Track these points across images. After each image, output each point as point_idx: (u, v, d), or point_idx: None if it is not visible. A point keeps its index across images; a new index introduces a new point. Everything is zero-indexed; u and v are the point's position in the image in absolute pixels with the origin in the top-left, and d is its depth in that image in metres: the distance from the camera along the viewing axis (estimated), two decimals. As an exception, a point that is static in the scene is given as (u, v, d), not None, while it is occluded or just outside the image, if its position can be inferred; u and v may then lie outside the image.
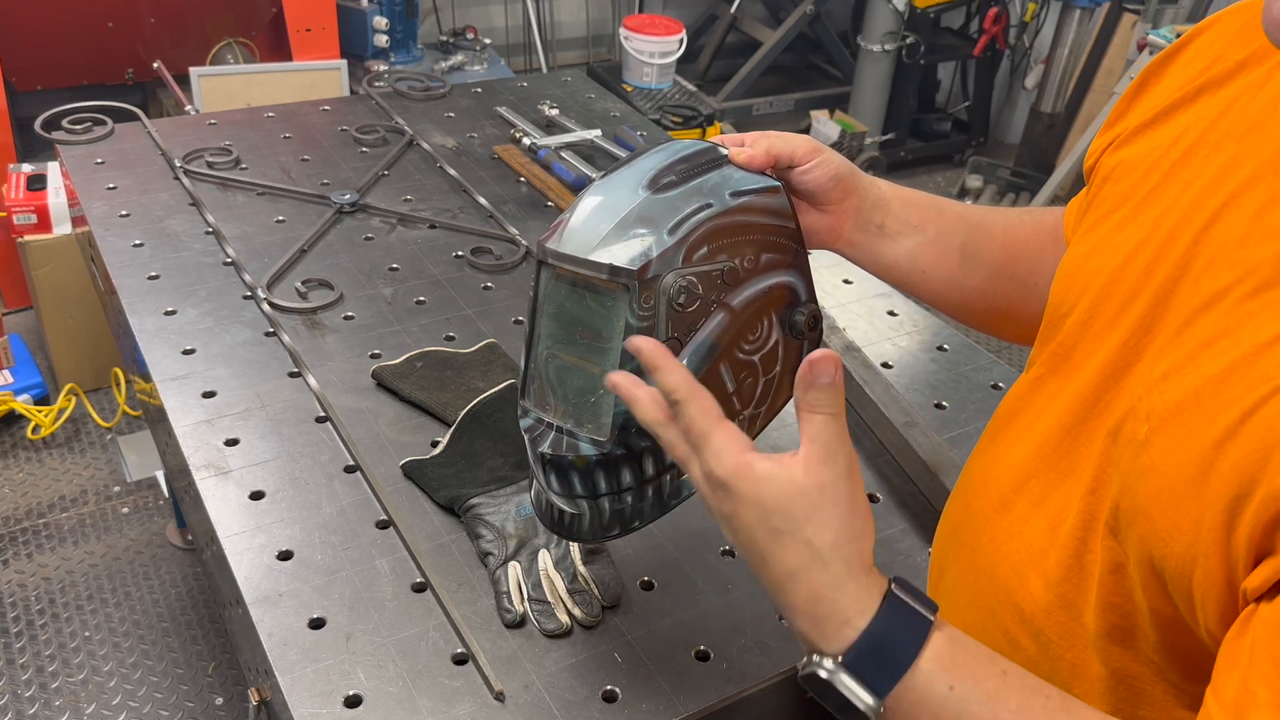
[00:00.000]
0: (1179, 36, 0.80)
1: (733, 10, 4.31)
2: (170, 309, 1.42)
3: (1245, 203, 0.64)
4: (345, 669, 0.95)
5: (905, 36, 4.19)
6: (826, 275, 1.62)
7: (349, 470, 1.18)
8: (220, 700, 2.08)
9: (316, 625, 0.99)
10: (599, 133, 1.95)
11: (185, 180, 1.71)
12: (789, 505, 0.64)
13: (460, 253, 1.60)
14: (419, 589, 1.03)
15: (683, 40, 3.64)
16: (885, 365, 1.44)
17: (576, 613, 1.01)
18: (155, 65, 2.90)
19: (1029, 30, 4.48)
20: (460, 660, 0.97)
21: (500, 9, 4.33)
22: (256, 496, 1.13)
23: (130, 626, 2.20)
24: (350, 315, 1.44)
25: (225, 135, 1.89)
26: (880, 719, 0.62)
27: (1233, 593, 0.58)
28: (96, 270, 1.68)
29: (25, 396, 2.68)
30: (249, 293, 1.46)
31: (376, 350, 1.37)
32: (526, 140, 1.91)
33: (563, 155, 1.85)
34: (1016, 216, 0.99)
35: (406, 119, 1.99)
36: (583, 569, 1.04)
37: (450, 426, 1.22)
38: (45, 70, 3.05)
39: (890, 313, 1.57)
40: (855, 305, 1.57)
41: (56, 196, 2.62)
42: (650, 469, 0.83)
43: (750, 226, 0.83)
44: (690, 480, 0.70)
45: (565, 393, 0.84)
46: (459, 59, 3.69)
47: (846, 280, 1.63)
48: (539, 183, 1.82)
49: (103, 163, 1.77)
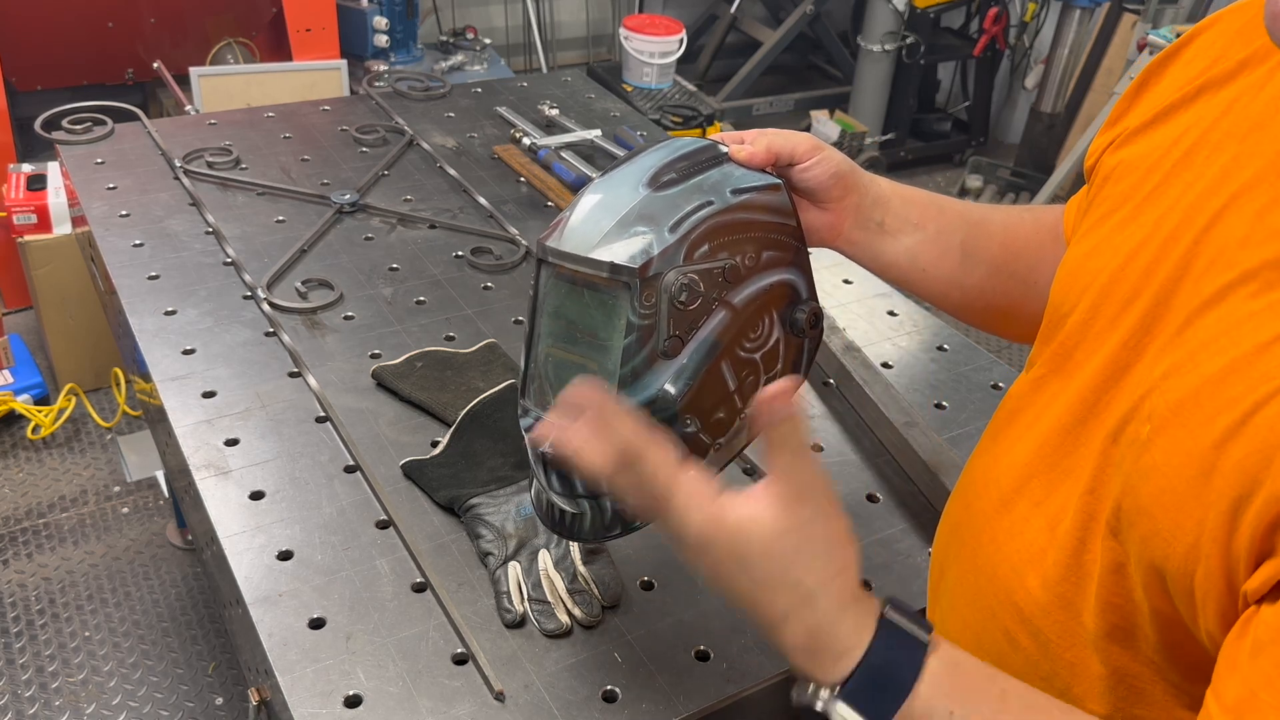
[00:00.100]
0: (1179, 36, 0.80)
1: (733, 10, 4.31)
2: (170, 309, 1.42)
3: (1247, 203, 0.64)
4: (345, 669, 0.95)
5: (905, 36, 4.19)
6: (827, 275, 1.62)
7: (349, 470, 1.18)
8: (220, 700, 2.08)
9: (316, 625, 0.99)
10: (599, 133, 1.95)
11: (185, 180, 1.71)
12: (770, 551, 0.63)
13: (460, 253, 1.60)
14: (419, 589, 1.03)
15: (683, 40, 3.64)
16: (885, 365, 1.44)
17: (576, 613, 1.01)
18: (155, 65, 2.90)
19: (1029, 30, 4.48)
20: (460, 660, 0.96)
21: (500, 9, 4.33)
22: (256, 496, 1.13)
23: (130, 626, 2.20)
24: (350, 315, 1.44)
25: (225, 135, 1.89)
26: None
27: (1233, 594, 0.57)
28: (96, 270, 1.68)
29: (25, 396, 2.68)
30: (249, 293, 1.46)
31: (376, 350, 1.37)
32: (526, 140, 1.91)
33: (563, 155, 1.85)
34: (1016, 214, 0.99)
35: (406, 119, 1.99)
36: (583, 569, 1.04)
37: (450, 426, 1.22)
38: (45, 70, 3.05)
39: (890, 313, 1.57)
40: (855, 305, 1.57)
41: (56, 196, 2.62)
42: None
43: (751, 224, 0.83)
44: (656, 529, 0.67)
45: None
46: (459, 59, 3.69)
47: (846, 280, 1.63)
48: (539, 183, 1.81)
49: (103, 163, 1.76)
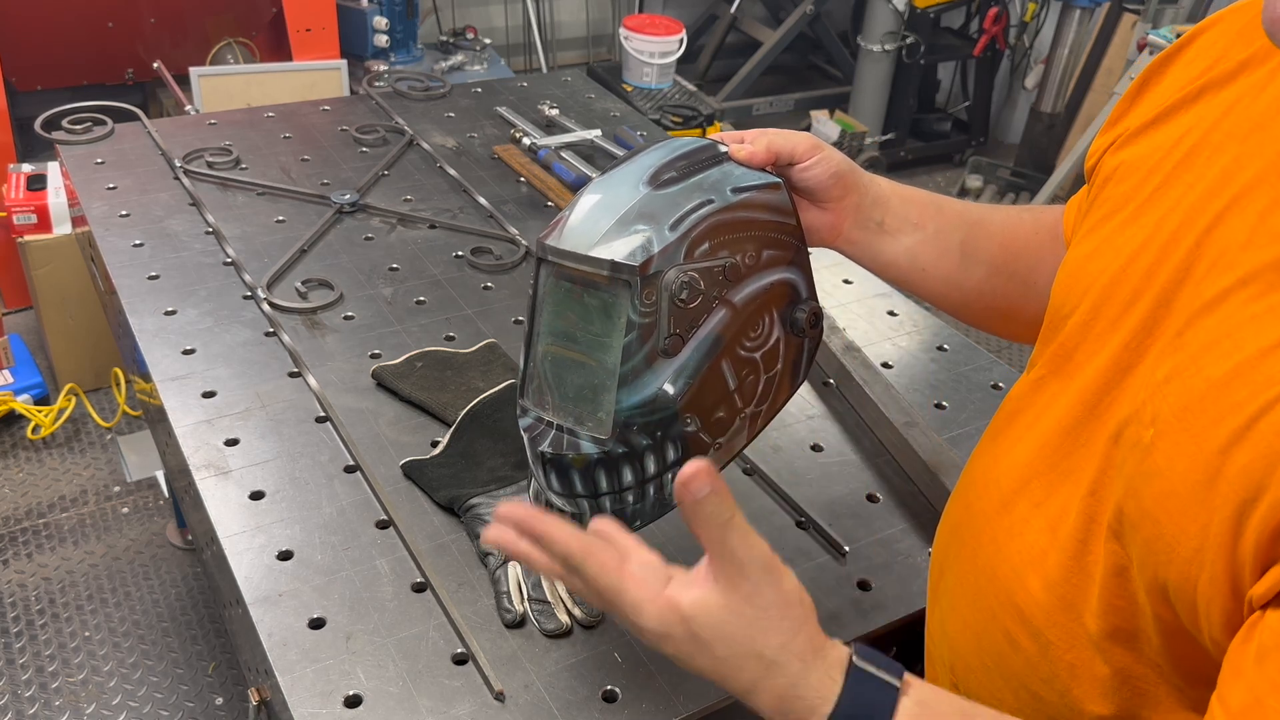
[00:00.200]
0: (1179, 36, 0.80)
1: (733, 10, 4.31)
2: (170, 309, 1.42)
3: (1248, 205, 0.63)
4: (345, 669, 0.95)
5: (905, 36, 4.19)
6: (827, 275, 1.62)
7: (349, 470, 1.18)
8: (220, 700, 2.08)
9: (316, 625, 0.99)
10: (599, 133, 1.95)
11: (185, 180, 1.71)
12: (725, 630, 0.64)
13: (460, 253, 1.60)
14: (419, 589, 1.03)
15: (683, 40, 3.64)
16: (885, 365, 1.44)
17: (576, 613, 1.01)
18: (155, 65, 2.90)
19: (1029, 30, 4.48)
20: (460, 660, 0.96)
21: (500, 9, 4.33)
22: (256, 496, 1.13)
23: (130, 626, 2.20)
24: (350, 315, 1.44)
25: (225, 135, 1.89)
26: None
27: (1238, 599, 0.57)
28: (96, 270, 1.68)
29: (25, 396, 2.68)
30: (249, 293, 1.46)
31: (376, 350, 1.37)
32: (526, 140, 1.91)
33: (563, 155, 1.85)
34: (1016, 214, 0.99)
35: (406, 119, 1.99)
36: (583, 569, 1.04)
37: (450, 426, 1.22)
38: (45, 70, 3.05)
39: (890, 313, 1.57)
40: (855, 305, 1.57)
41: (56, 196, 2.62)
42: (651, 467, 0.83)
43: (751, 223, 0.83)
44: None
45: (565, 391, 0.84)
46: (459, 59, 3.69)
47: (846, 280, 1.63)
48: (539, 183, 1.81)
49: (103, 163, 1.76)
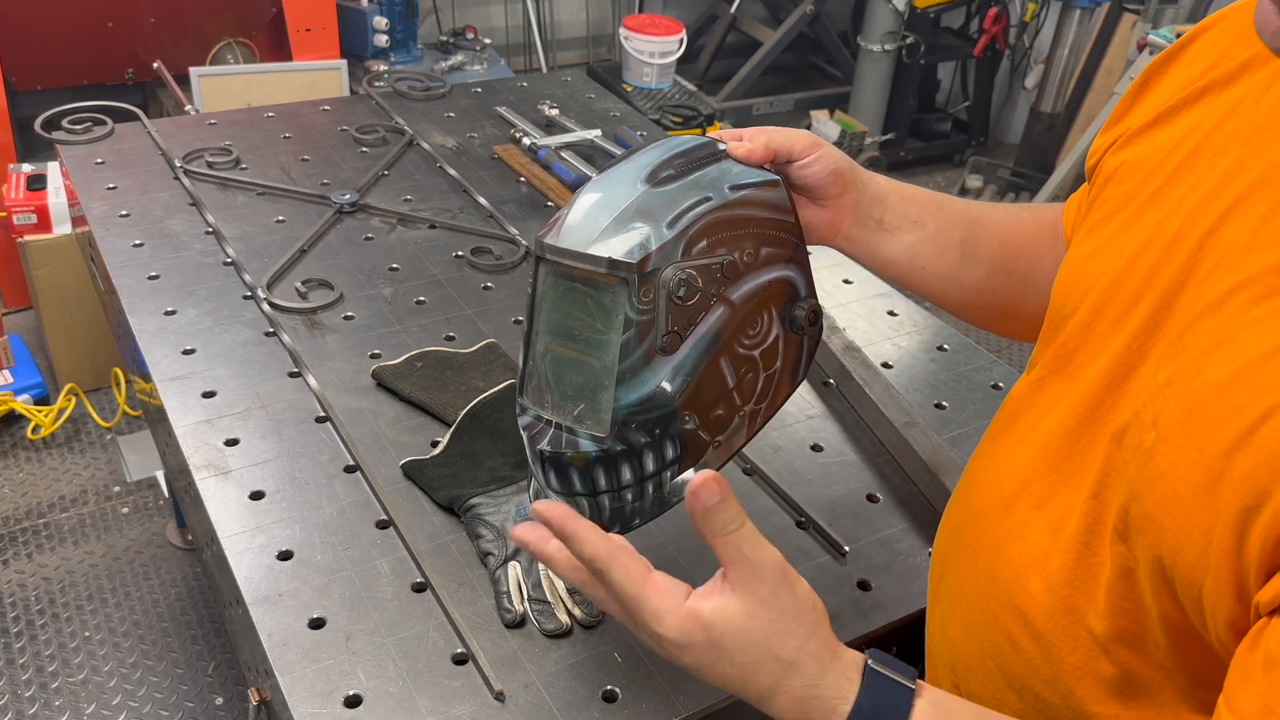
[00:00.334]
0: (1179, 36, 0.80)
1: (733, 10, 4.31)
2: (170, 309, 1.41)
3: (1250, 207, 0.63)
4: (345, 669, 0.95)
5: (905, 36, 4.19)
6: (826, 275, 1.62)
7: (349, 470, 1.18)
8: (220, 700, 2.08)
9: (316, 625, 0.99)
10: (599, 133, 1.95)
11: (185, 180, 1.71)
12: (744, 636, 0.66)
13: (460, 253, 1.60)
14: (419, 589, 1.03)
15: (683, 40, 3.64)
16: (885, 365, 1.44)
17: (576, 613, 1.01)
18: (155, 65, 2.90)
19: (1029, 30, 4.48)
20: (460, 660, 0.96)
21: (500, 9, 4.33)
22: (256, 496, 1.13)
23: (130, 626, 2.20)
24: (350, 315, 1.44)
25: (225, 135, 1.89)
26: None
27: (1243, 603, 0.57)
28: (96, 270, 1.68)
29: (25, 396, 2.68)
30: (249, 293, 1.46)
31: (376, 350, 1.37)
32: (526, 140, 1.91)
33: (563, 155, 1.85)
34: (1015, 213, 0.99)
35: (406, 119, 1.99)
36: (583, 569, 1.04)
37: (450, 426, 1.22)
38: (45, 70, 3.05)
39: (890, 313, 1.57)
40: (855, 305, 1.57)
41: (56, 196, 2.62)
42: (650, 466, 0.83)
43: (750, 220, 0.83)
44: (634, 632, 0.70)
45: (564, 389, 0.84)
46: (459, 59, 3.69)
47: (846, 280, 1.63)
48: (539, 183, 1.81)
49: (103, 163, 1.76)
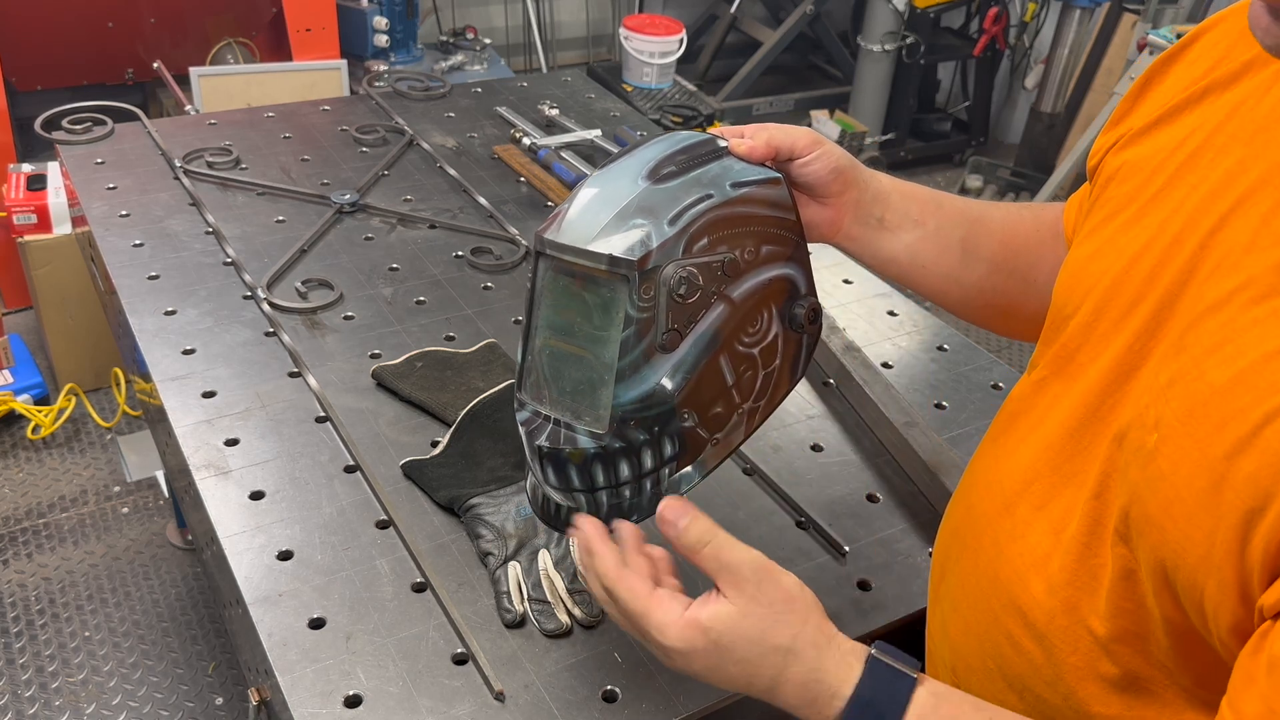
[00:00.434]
0: (1179, 36, 0.80)
1: (733, 10, 4.30)
2: (170, 309, 1.41)
3: (1252, 208, 0.63)
4: (345, 669, 0.95)
5: (905, 36, 4.19)
6: (826, 275, 1.62)
7: (349, 470, 1.18)
8: (220, 700, 2.08)
9: (316, 625, 0.99)
10: (599, 133, 1.95)
11: (185, 180, 1.71)
12: (741, 632, 0.69)
13: (460, 253, 1.60)
14: (419, 589, 1.03)
15: (683, 40, 3.64)
16: (885, 365, 1.44)
17: (576, 613, 1.01)
18: (155, 65, 2.90)
19: (1029, 30, 4.48)
20: (460, 660, 0.96)
21: (500, 9, 4.33)
22: (256, 496, 1.13)
23: (130, 626, 2.20)
24: (350, 315, 1.44)
25: (225, 135, 1.89)
26: None
27: (1247, 606, 0.57)
28: (96, 270, 1.68)
29: (25, 396, 2.68)
30: (249, 293, 1.46)
31: (376, 350, 1.37)
32: (526, 140, 1.91)
33: (563, 155, 1.85)
34: (1016, 212, 0.99)
35: (406, 119, 1.99)
36: (583, 569, 1.04)
37: (450, 426, 1.22)
38: (45, 70, 3.05)
39: (890, 313, 1.57)
40: (855, 305, 1.57)
41: (56, 196, 2.62)
42: (649, 462, 0.82)
43: (751, 218, 0.83)
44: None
45: (563, 385, 0.84)
46: (459, 59, 3.69)
47: (846, 280, 1.63)
48: (539, 183, 1.81)
49: (103, 163, 1.76)
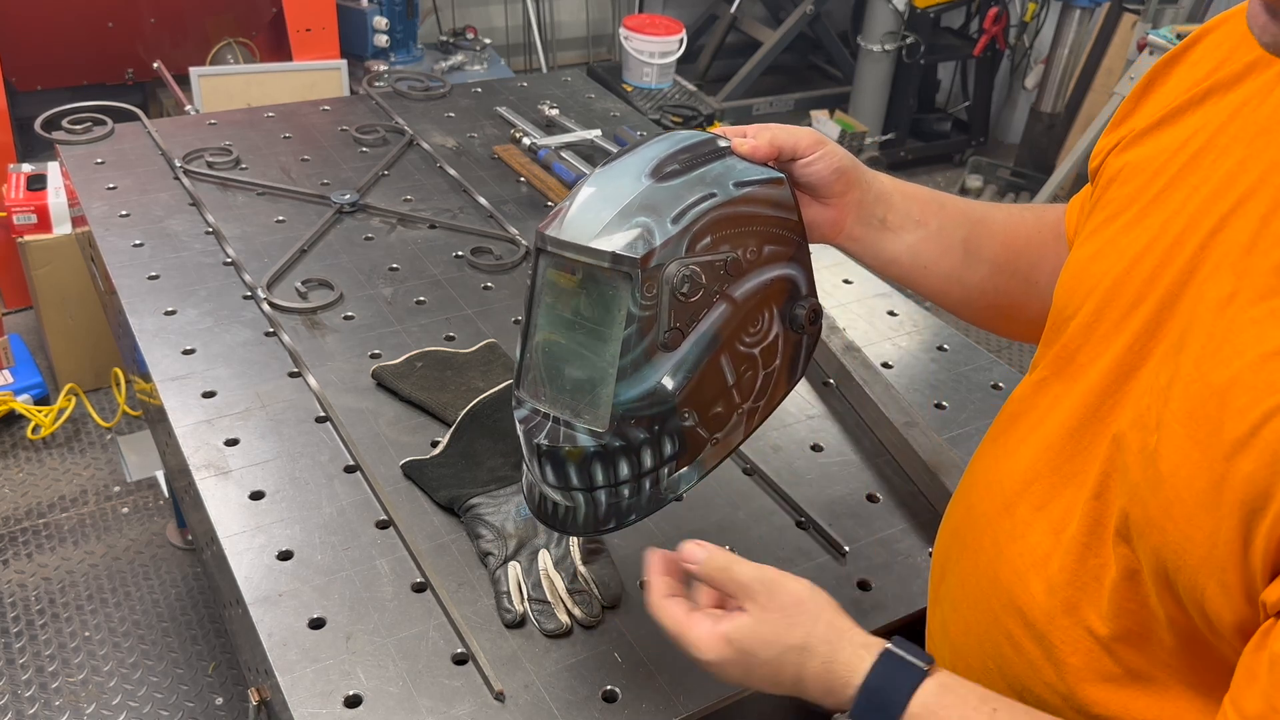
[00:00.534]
0: (1179, 36, 0.80)
1: (733, 10, 4.30)
2: (170, 309, 1.41)
3: (1252, 208, 0.63)
4: (345, 669, 0.95)
5: (905, 36, 4.18)
6: (826, 275, 1.62)
7: (349, 470, 1.18)
8: (220, 700, 2.08)
9: (316, 625, 0.99)
10: (599, 133, 1.95)
11: (185, 180, 1.71)
12: (761, 636, 0.76)
13: (460, 253, 1.60)
14: (419, 589, 1.03)
15: (683, 40, 3.64)
16: (885, 365, 1.44)
17: (576, 613, 1.01)
18: (155, 65, 2.90)
19: (1029, 30, 4.47)
20: (460, 660, 0.96)
21: (500, 9, 4.32)
22: (256, 496, 1.13)
23: (130, 626, 2.20)
24: (350, 315, 1.44)
25: (225, 135, 1.89)
26: None
27: (1252, 605, 0.57)
28: (96, 270, 1.68)
29: (25, 396, 2.68)
30: (249, 293, 1.46)
31: (376, 350, 1.37)
32: (526, 140, 1.91)
33: (563, 155, 1.85)
34: (1018, 213, 0.99)
35: (406, 119, 1.99)
36: (583, 569, 1.04)
37: (450, 426, 1.22)
38: (45, 70, 3.05)
39: (890, 313, 1.57)
40: (855, 305, 1.57)
41: (56, 196, 2.62)
42: (648, 462, 0.82)
43: (754, 217, 0.83)
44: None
45: (563, 383, 0.83)
46: (459, 59, 3.69)
47: (846, 280, 1.63)
48: (539, 183, 1.81)
49: (103, 163, 1.76)
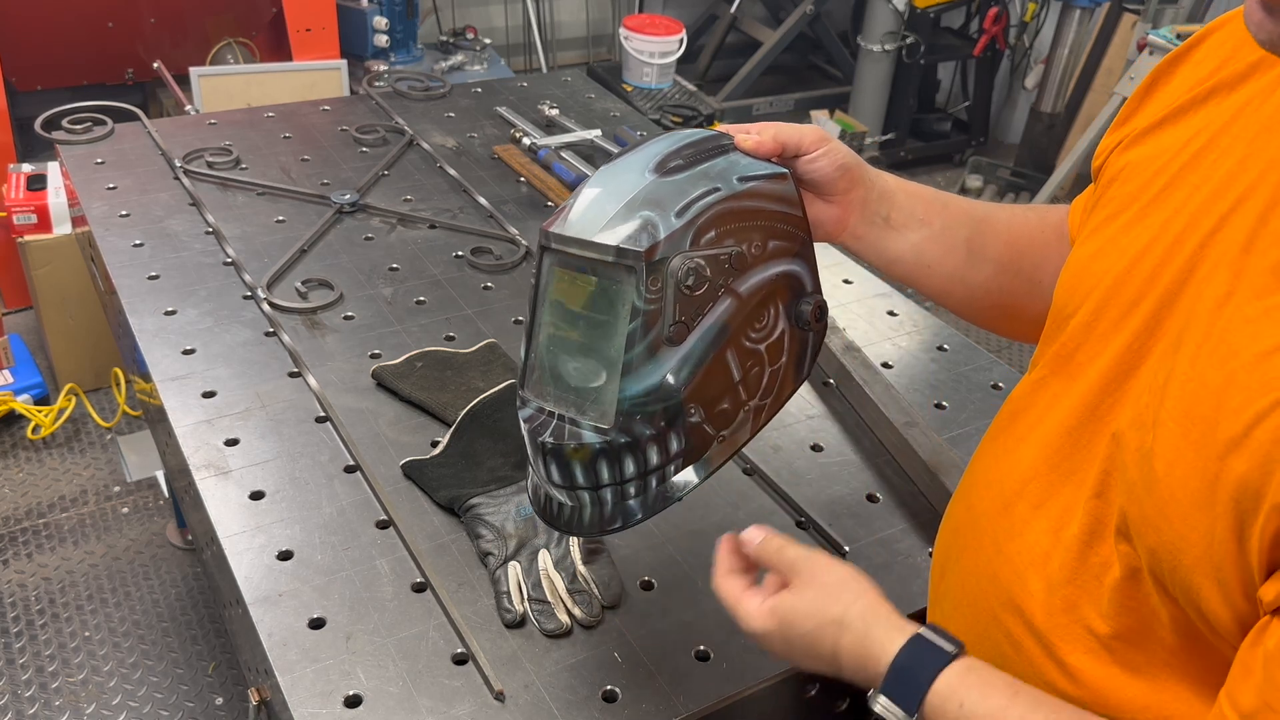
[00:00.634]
0: (1179, 36, 0.80)
1: (733, 10, 4.30)
2: (170, 309, 1.42)
3: (1250, 207, 0.63)
4: (345, 669, 0.95)
5: (905, 36, 4.18)
6: (827, 275, 1.62)
7: (349, 470, 1.18)
8: (220, 700, 2.08)
9: (316, 625, 0.99)
10: (599, 133, 1.95)
11: (185, 180, 1.71)
12: (802, 609, 0.79)
13: (460, 253, 1.60)
14: (419, 589, 1.03)
15: (683, 40, 3.64)
16: (885, 365, 1.44)
17: (576, 613, 1.01)
18: (155, 65, 2.90)
19: (1029, 30, 4.47)
20: (460, 660, 0.96)
21: (500, 9, 4.32)
22: (256, 496, 1.13)
23: (130, 626, 2.20)
24: (350, 315, 1.44)
25: (225, 135, 1.89)
26: None
27: (1249, 601, 0.58)
28: (96, 270, 1.68)
29: (25, 396, 2.68)
30: (249, 293, 1.46)
31: (376, 350, 1.37)
32: (526, 140, 1.91)
33: (563, 155, 1.85)
34: (1021, 213, 0.99)
35: (406, 119, 1.99)
36: (583, 569, 1.04)
37: (450, 426, 1.22)
38: (45, 70, 3.05)
39: (890, 313, 1.57)
40: (855, 305, 1.57)
41: (56, 196, 2.62)
42: (654, 459, 0.82)
43: (758, 212, 0.83)
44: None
45: (567, 380, 0.83)
46: (459, 59, 3.69)
47: (847, 280, 1.63)
48: (539, 183, 1.81)
49: (103, 163, 1.76)
